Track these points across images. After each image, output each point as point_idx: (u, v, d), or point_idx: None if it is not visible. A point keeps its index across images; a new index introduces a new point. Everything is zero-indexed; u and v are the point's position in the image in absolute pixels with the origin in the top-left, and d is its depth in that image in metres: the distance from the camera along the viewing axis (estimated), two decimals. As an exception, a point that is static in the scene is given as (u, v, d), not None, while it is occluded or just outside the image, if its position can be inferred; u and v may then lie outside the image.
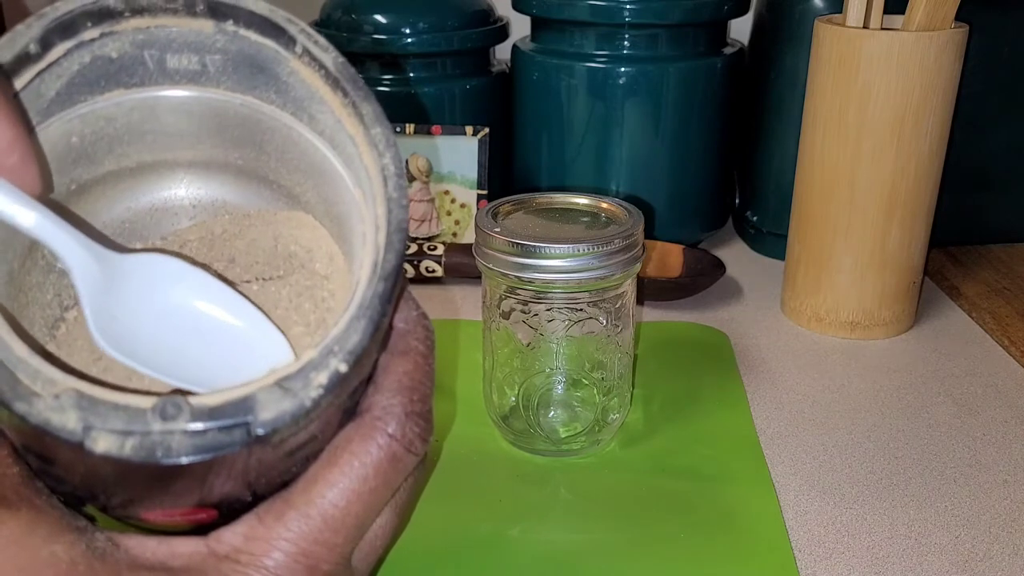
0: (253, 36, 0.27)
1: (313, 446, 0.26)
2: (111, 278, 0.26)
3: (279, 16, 0.26)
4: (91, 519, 0.26)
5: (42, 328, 0.29)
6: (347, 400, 0.27)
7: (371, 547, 0.29)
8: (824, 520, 0.39)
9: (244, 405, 0.22)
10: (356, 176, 0.27)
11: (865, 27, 0.52)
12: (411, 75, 0.66)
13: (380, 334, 0.25)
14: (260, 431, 0.22)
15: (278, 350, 0.28)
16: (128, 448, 0.22)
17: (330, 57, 0.26)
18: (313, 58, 0.27)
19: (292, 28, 0.26)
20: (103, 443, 0.22)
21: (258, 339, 0.28)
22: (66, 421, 0.22)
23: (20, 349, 0.23)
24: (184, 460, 0.22)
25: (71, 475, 0.25)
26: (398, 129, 0.63)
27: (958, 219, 0.65)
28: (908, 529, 0.39)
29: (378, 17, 0.64)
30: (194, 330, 0.27)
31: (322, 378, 0.23)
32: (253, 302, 0.28)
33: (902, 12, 0.51)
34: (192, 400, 0.22)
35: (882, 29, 0.50)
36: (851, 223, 0.52)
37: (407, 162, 0.64)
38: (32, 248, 0.28)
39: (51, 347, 0.29)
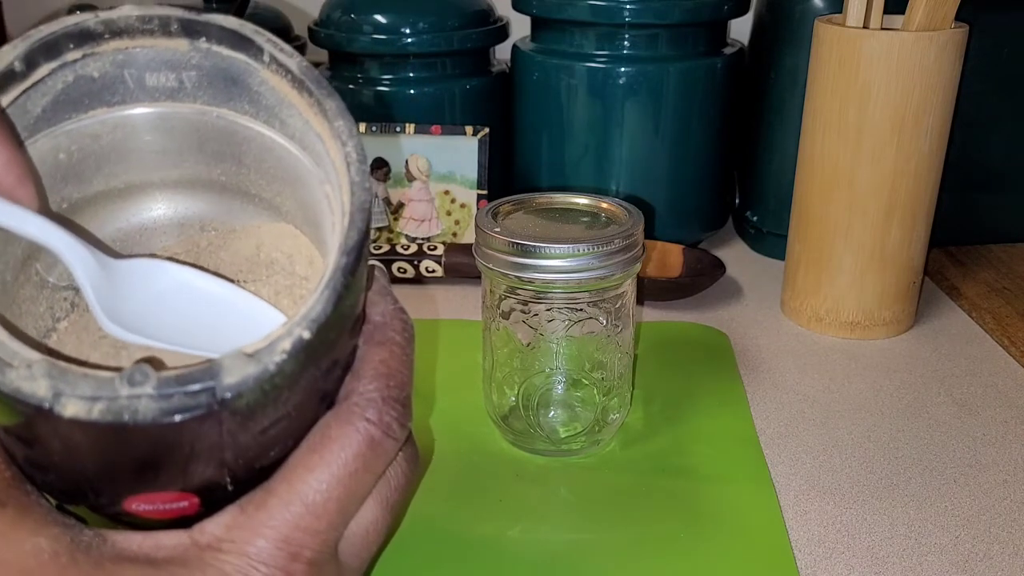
0: (225, 51, 0.28)
1: (287, 426, 0.26)
2: (111, 278, 0.27)
3: (247, 29, 0.28)
4: (82, 520, 0.27)
5: (33, 337, 0.30)
6: (322, 383, 0.27)
7: (363, 542, 0.29)
8: (824, 520, 0.39)
9: (210, 371, 0.23)
10: (325, 172, 0.28)
11: (865, 27, 0.52)
12: (411, 75, 0.66)
13: (345, 307, 0.26)
14: (227, 395, 0.23)
15: (272, 319, 0.29)
16: (96, 412, 0.22)
17: (295, 62, 0.28)
18: (280, 65, 0.28)
19: (259, 39, 0.28)
20: (72, 408, 0.22)
21: (251, 312, 0.29)
22: (36, 388, 0.22)
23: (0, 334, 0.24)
24: (151, 422, 0.22)
25: (50, 456, 0.25)
26: (398, 129, 0.63)
27: (958, 219, 0.65)
28: (908, 529, 0.39)
29: (378, 17, 0.64)
30: (191, 309, 0.28)
31: (286, 345, 0.24)
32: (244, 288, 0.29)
33: (902, 12, 0.51)
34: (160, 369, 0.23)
35: (882, 29, 0.50)
36: (851, 223, 0.52)
37: (407, 162, 0.64)
38: (25, 263, 0.29)
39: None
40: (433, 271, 0.61)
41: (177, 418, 0.23)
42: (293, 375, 0.24)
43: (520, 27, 0.69)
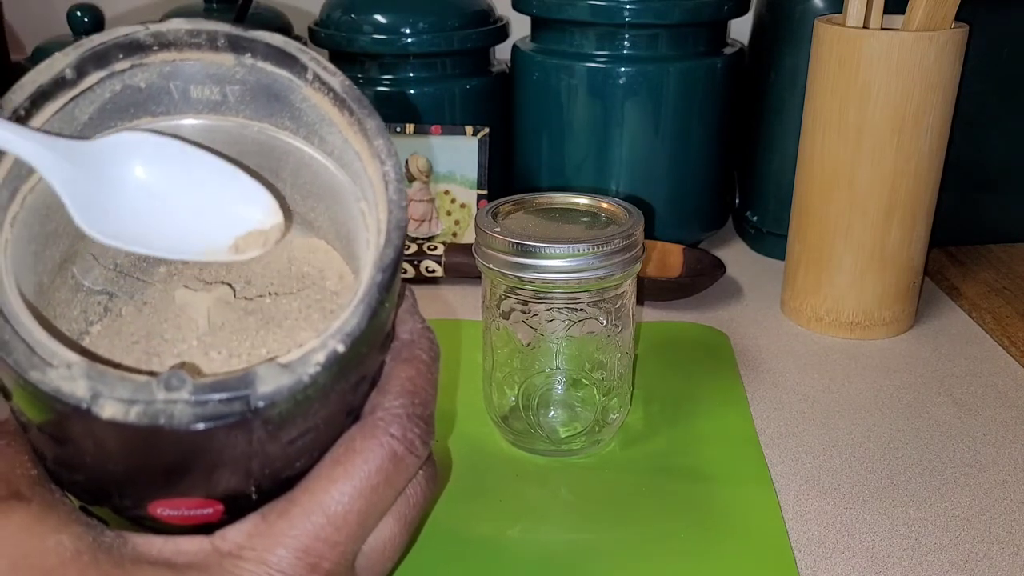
0: (269, 67, 0.29)
1: (314, 438, 0.27)
2: (85, 167, 0.27)
3: (292, 47, 0.28)
4: (104, 522, 0.27)
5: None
6: (350, 397, 0.28)
7: (379, 558, 0.29)
8: (824, 520, 0.39)
9: (245, 379, 0.24)
10: (362, 189, 0.29)
11: (865, 27, 0.52)
12: (411, 75, 0.66)
13: (378, 322, 0.26)
14: (260, 403, 0.23)
15: (256, 197, 0.29)
16: (133, 415, 0.23)
17: (338, 81, 0.28)
18: (323, 83, 0.28)
19: (304, 57, 0.28)
20: (110, 409, 0.23)
21: (237, 190, 0.29)
22: (76, 389, 0.23)
23: (40, 334, 0.24)
24: (186, 427, 0.23)
25: (82, 456, 0.25)
26: (398, 129, 0.63)
27: (958, 219, 0.65)
28: (908, 529, 0.39)
29: (378, 17, 0.65)
30: (173, 195, 0.28)
31: (320, 357, 0.24)
32: (226, 158, 0.29)
33: (902, 12, 0.51)
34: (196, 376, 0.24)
35: (882, 29, 0.50)
36: (851, 223, 0.52)
37: (407, 162, 0.64)
38: (63, 267, 0.30)
39: None
40: (433, 271, 0.61)
41: (211, 424, 0.23)
42: (325, 387, 0.25)
43: (520, 27, 0.69)
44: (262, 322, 0.31)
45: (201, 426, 0.23)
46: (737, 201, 0.72)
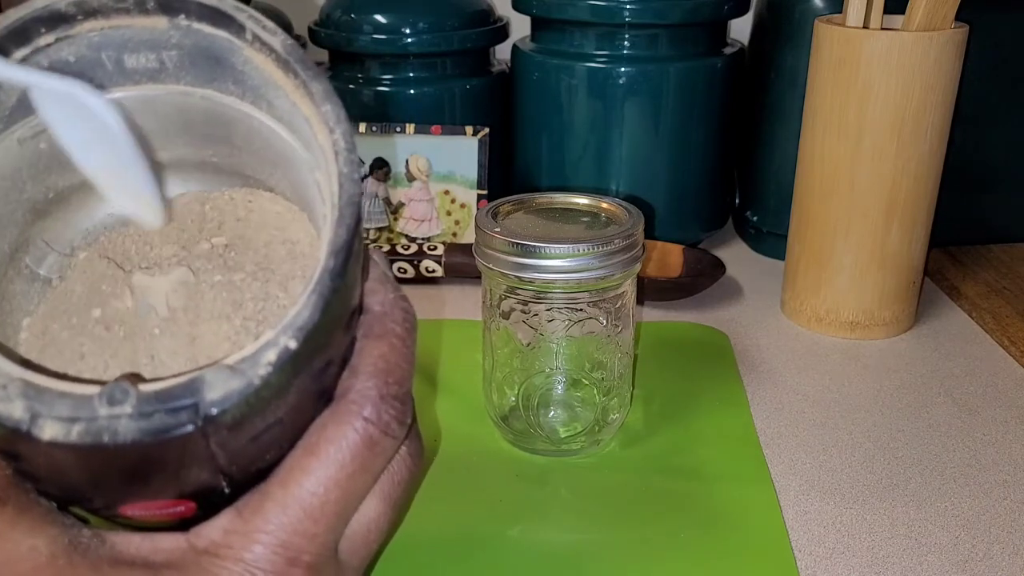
0: (206, 28, 0.27)
1: (280, 431, 0.26)
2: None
3: (227, 5, 0.26)
4: (84, 520, 0.26)
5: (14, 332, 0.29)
6: (316, 384, 0.26)
7: (363, 540, 0.29)
8: (824, 520, 0.39)
9: (192, 387, 0.22)
10: (315, 158, 0.27)
11: (865, 27, 0.52)
12: (411, 75, 0.66)
13: (335, 310, 0.24)
14: (212, 411, 0.22)
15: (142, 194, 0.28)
16: (74, 434, 0.22)
17: (279, 40, 0.26)
18: (263, 43, 0.26)
19: (240, 15, 0.26)
20: (50, 430, 0.22)
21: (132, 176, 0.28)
22: (12, 410, 0.22)
23: None
24: (131, 443, 0.22)
25: (37, 469, 0.24)
26: (398, 129, 0.63)
27: (958, 219, 0.64)
28: (908, 529, 0.39)
29: (378, 17, 0.64)
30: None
31: (271, 356, 0.23)
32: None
33: (902, 12, 0.51)
34: (140, 385, 0.22)
35: (882, 29, 0.50)
36: (851, 223, 0.52)
37: (407, 162, 0.64)
38: (14, 258, 0.29)
39: (27, 348, 0.29)
40: (433, 271, 0.61)
41: (158, 438, 0.22)
42: (281, 386, 0.24)
43: (520, 27, 0.69)
44: (228, 303, 0.29)
45: (148, 440, 0.22)
46: (737, 201, 0.72)
